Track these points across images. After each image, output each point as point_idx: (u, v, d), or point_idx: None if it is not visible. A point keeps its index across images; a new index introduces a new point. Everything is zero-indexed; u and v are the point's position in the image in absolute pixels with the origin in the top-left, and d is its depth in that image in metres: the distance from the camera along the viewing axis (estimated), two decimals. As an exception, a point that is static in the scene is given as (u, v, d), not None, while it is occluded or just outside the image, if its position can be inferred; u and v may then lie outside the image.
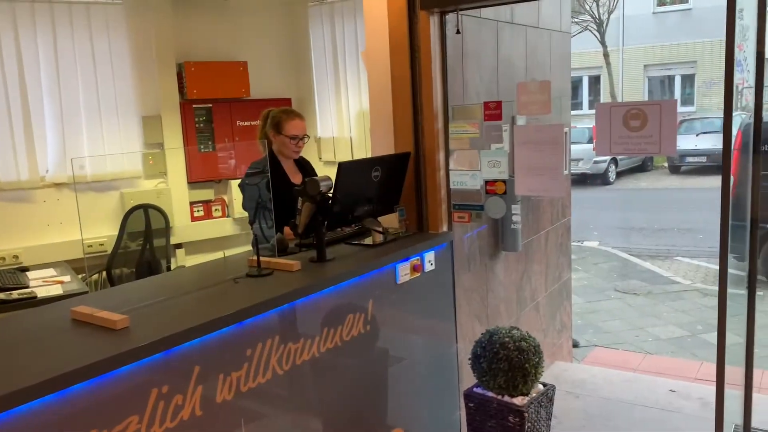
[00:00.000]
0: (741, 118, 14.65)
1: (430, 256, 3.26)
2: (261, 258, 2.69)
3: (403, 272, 3.09)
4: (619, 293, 7.29)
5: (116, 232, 4.90)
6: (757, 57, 2.52)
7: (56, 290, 3.83)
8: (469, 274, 3.61)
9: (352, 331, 2.78)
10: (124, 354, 1.87)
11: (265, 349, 2.37)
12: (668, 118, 2.68)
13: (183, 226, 5.43)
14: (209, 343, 2.16)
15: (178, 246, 5.44)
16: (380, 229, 3.10)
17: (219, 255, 3.18)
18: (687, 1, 21.14)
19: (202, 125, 5.52)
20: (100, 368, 1.81)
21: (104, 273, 4.85)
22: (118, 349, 1.89)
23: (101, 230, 5.09)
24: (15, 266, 4.55)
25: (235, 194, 5.52)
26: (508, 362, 2.88)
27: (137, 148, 5.32)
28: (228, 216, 5.68)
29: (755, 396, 4.00)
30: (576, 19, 18.25)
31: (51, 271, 4.31)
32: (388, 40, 3.33)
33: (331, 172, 2.86)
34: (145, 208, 5.00)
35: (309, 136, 3.51)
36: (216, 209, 5.64)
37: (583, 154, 14.15)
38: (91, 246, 5.00)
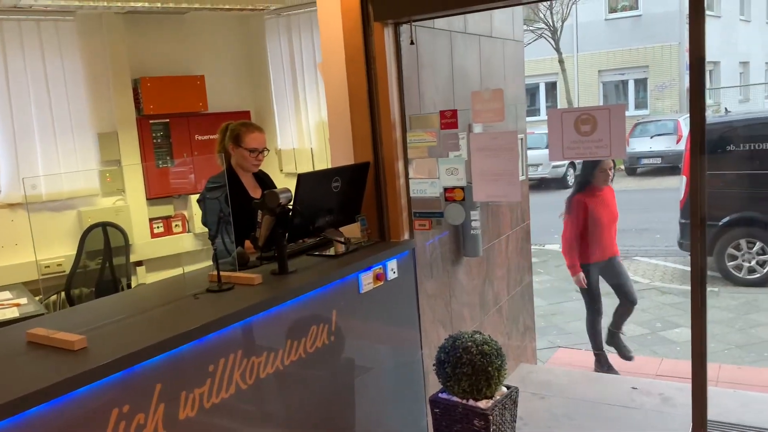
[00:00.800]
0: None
1: (392, 265, 3.29)
2: (222, 272, 2.68)
3: (366, 281, 3.10)
4: (580, 294, 7.41)
5: (74, 252, 4.81)
6: (695, 61, 2.61)
7: (12, 313, 3.74)
8: (432, 281, 3.65)
9: (316, 342, 2.78)
10: (81, 375, 1.85)
11: (228, 363, 2.36)
12: (617, 122, 2.76)
13: (143, 244, 5.36)
14: (170, 360, 2.14)
15: (139, 263, 5.37)
16: (342, 239, 3.12)
17: (180, 271, 3.15)
18: (637, 8, 21.74)
19: (159, 140, 5.46)
20: (57, 390, 1.79)
21: (63, 294, 4.75)
22: (75, 370, 1.86)
23: (59, 250, 4.99)
24: (-32, 290, 4.43)
25: (195, 209, 5.47)
26: (472, 366, 2.91)
27: (94, 166, 5.24)
28: (189, 231, 5.62)
29: (717, 389, 4.13)
30: (531, 27, 18.60)
31: (6, 294, 4.21)
32: (343, 52, 3.36)
33: (293, 184, 2.87)
34: (104, 226, 4.92)
35: (269, 149, 3.51)
36: (176, 225, 5.58)
37: (541, 159, 14.37)
38: (49, 267, 4.89)
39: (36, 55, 4.91)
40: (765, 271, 7.21)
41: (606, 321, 5.22)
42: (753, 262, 7.25)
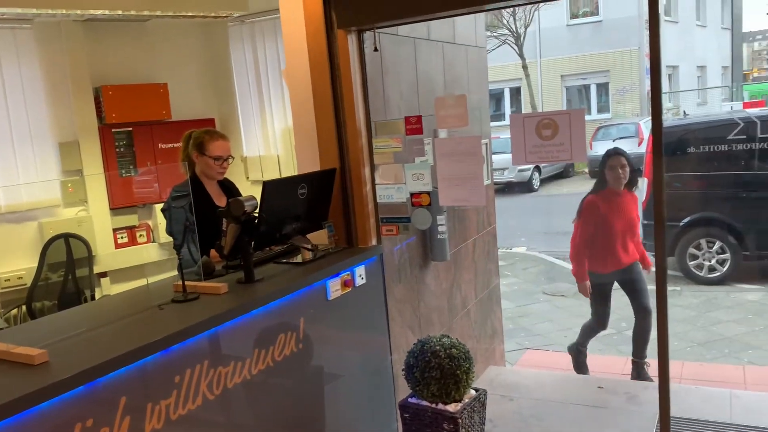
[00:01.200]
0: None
1: (360, 271, 3.29)
2: (187, 282, 2.65)
3: (334, 288, 3.10)
4: (547, 296, 7.52)
5: (35, 264, 4.70)
6: (651, 65, 2.68)
7: (-30, 329, 3.64)
8: (400, 286, 3.66)
9: (284, 350, 2.77)
10: (42, 390, 1.81)
11: (195, 374, 2.33)
12: (577, 126, 2.82)
13: (106, 254, 5.26)
14: (135, 372, 2.11)
15: (103, 275, 5.27)
16: (309, 246, 3.11)
17: (145, 282, 3.11)
18: (598, 14, 22.17)
19: (122, 149, 5.38)
20: (17, 406, 1.74)
21: (24, 307, 4.64)
22: (36, 385, 1.82)
23: (19, 263, 4.88)
24: (-76, 306, 4.30)
25: (159, 219, 5.39)
26: (440, 370, 2.93)
27: (55, 176, 5.13)
28: (153, 241, 5.55)
29: (680, 386, 4.23)
30: (494, 34, 18.83)
31: (-36, 309, 4.10)
32: (307, 59, 3.37)
33: (258, 192, 2.86)
34: (66, 237, 4.82)
35: (233, 157, 3.49)
36: (141, 235, 5.50)
37: (507, 164, 14.55)
38: (9, 280, 4.78)
39: (-8, 64, 4.81)
40: (724, 269, 7.40)
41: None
42: (713, 261, 7.44)
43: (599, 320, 4.89)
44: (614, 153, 4.66)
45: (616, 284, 4.82)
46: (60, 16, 4.73)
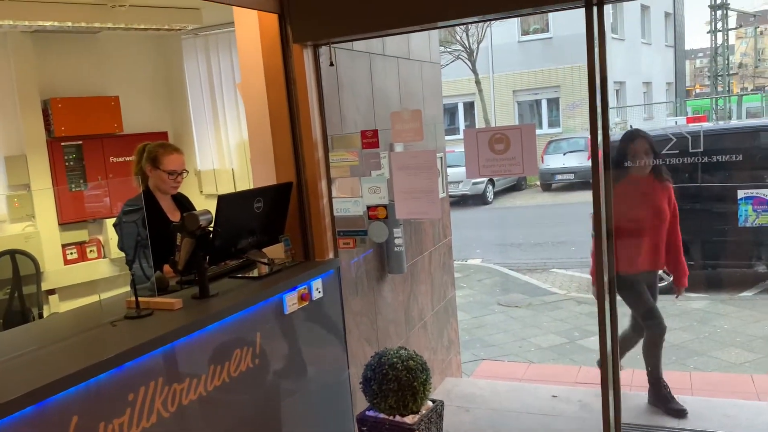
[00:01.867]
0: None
1: (317, 284, 3.29)
2: (140, 298, 2.61)
3: (291, 302, 3.09)
4: (502, 307, 7.62)
5: (-21, 282, 4.54)
6: (598, 80, 2.78)
7: None
8: (357, 299, 3.67)
9: (240, 366, 2.74)
10: (-12, 411, 1.75)
11: (149, 391, 2.29)
12: (528, 141, 2.89)
13: (55, 271, 5.12)
14: (87, 391, 2.06)
15: (51, 292, 5.12)
16: (265, 260, 3.10)
17: (94, 299, 3.04)
18: (548, 30, 22.75)
19: (72, 163, 5.26)
20: (-38, 429, 1.69)
21: (-34, 327, 4.47)
22: (-19, 406, 1.76)
23: (-39, 281, 4.70)
24: None
25: (110, 234, 5.28)
26: (398, 382, 2.94)
27: (0, 191, 4.98)
28: (104, 257, 5.42)
29: (631, 393, 4.33)
30: (448, 49, 19.11)
31: None
32: (263, 73, 3.37)
33: (213, 206, 2.83)
34: (12, 253, 4.67)
35: (187, 171, 3.45)
36: (91, 251, 5.37)
37: (461, 177, 14.75)
38: (-51, 299, 4.60)
39: (-66, 75, 4.66)
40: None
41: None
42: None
43: (647, 326, 4.25)
44: (637, 135, 4.13)
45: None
46: (6, 27, 4.61)
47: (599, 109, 2.82)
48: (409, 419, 2.96)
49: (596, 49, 2.79)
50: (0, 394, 1.86)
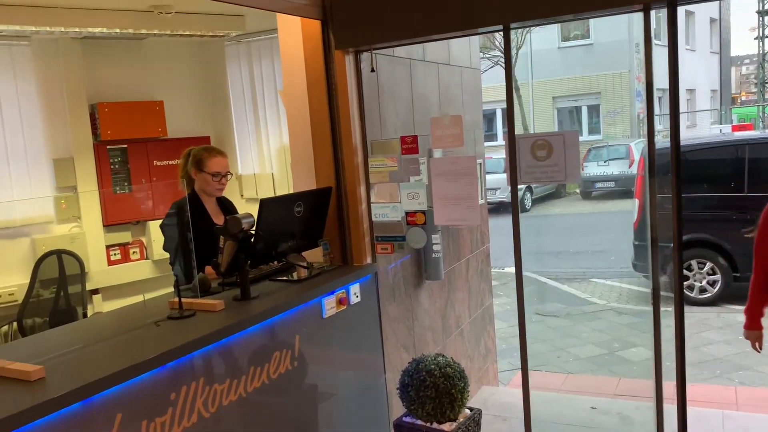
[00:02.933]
0: (643, 144, 15.56)
1: (355, 289, 3.30)
2: (183, 299, 2.65)
3: (329, 306, 3.11)
4: (540, 316, 7.53)
5: (27, 281, 4.67)
6: (646, 87, 2.73)
7: (-39, 345, 3.61)
8: (394, 305, 3.67)
9: (279, 368, 2.77)
10: (40, 406, 1.80)
11: (190, 391, 2.33)
12: (571, 148, 2.86)
13: (99, 271, 5.24)
14: (131, 389, 2.10)
15: (95, 292, 5.25)
16: (304, 264, 3.12)
17: (138, 299, 3.10)
18: (589, 37, 22.47)
19: (117, 166, 5.39)
20: (14, 422, 1.74)
21: (14, 324, 4.61)
22: (33, 401, 1.81)
23: (11, 279, 4.85)
24: None
25: (153, 236, 5.39)
26: (435, 389, 2.93)
27: (48, 192, 5.13)
28: (147, 258, 5.53)
29: (672, 407, 4.23)
30: (487, 55, 19.01)
31: (-45, 325, 4.06)
32: (305, 79, 3.40)
33: (253, 209, 2.87)
34: (59, 253, 4.80)
35: (232, 174, 3.51)
36: (134, 252, 5.48)
37: (499, 183, 14.63)
38: (0, 296, 4.74)
39: (-11, 80, 4.83)
40: (715, 290, 7.44)
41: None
42: (704, 282, 7.48)
43: None
44: None
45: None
46: (58, 34, 4.76)
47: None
48: (447, 427, 2.94)
49: (649, 55, 2.71)
50: (53, 388, 1.92)
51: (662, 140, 4.34)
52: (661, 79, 2.80)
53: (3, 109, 4.89)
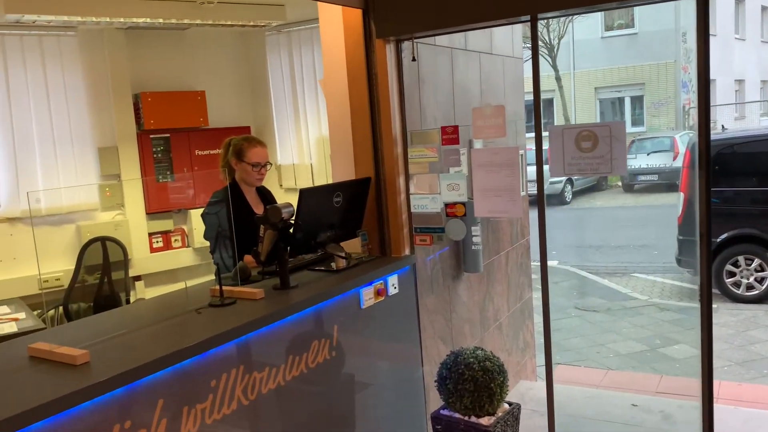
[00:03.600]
0: (689, 137, 15.19)
1: (393, 280, 3.28)
2: (224, 287, 2.68)
3: (367, 297, 3.10)
4: (579, 311, 7.42)
5: (73, 266, 4.79)
6: (701, 78, 2.63)
7: (10, 328, 3.72)
8: (432, 297, 3.65)
9: (317, 357, 2.77)
10: (85, 390, 1.84)
11: (230, 379, 2.34)
12: (618, 139, 2.78)
13: (142, 258, 5.34)
14: (173, 376, 2.13)
15: (137, 278, 5.35)
16: (343, 254, 3.11)
17: (179, 286, 3.14)
18: (633, 26, 21.95)
19: (160, 155, 5.47)
20: (61, 405, 1.77)
21: (60, 308, 4.73)
22: (79, 384, 1.85)
23: (57, 264, 4.97)
24: (-34, 305, 4.40)
25: (194, 224, 5.46)
26: (474, 383, 2.90)
27: (93, 180, 5.24)
28: (188, 246, 5.61)
29: (719, 407, 4.11)
30: (527, 45, 18.74)
31: (5, 309, 4.19)
32: (345, 69, 3.39)
33: (292, 199, 2.87)
34: (103, 240, 4.90)
35: (271, 164, 3.52)
36: (175, 240, 5.57)
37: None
38: (47, 281, 4.87)
39: (38, 70, 4.93)
40: (763, 287, 7.21)
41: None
42: (751, 279, 7.26)
43: None
44: None
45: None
46: (103, 24, 4.84)
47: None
48: (485, 421, 2.91)
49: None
50: (97, 373, 1.95)
51: (714, 133, 4.19)
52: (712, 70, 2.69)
53: (51, 99, 5.00)
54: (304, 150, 5.80)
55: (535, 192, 3.27)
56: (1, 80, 4.78)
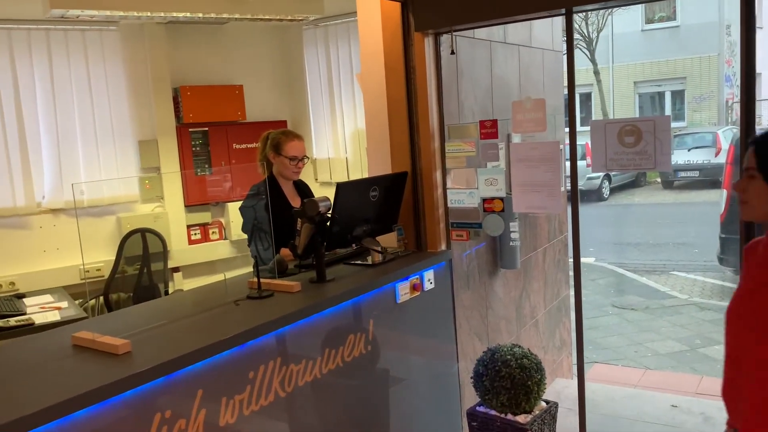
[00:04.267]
0: (732, 132, 14.77)
1: (429, 275, 3.27)
2: (261, 280, 2.69)
3: (403, 291, 3.09)
4: (616, 309, 7.29)
5: (113, 257, 4.88)
6: (746, 72, 2.55)
7: (54, 316, 3.81)
8: (468, 292, 3.62)
9: (353, 351, 2.77)
10: (127, 379, 1.87)
11: (267, 371, 2.36)
12: (662, 134, 2.71)
13: (180, 250, 5.42)
14: (212, 366, 2.15)
15: (176, 269, 5.42)
16: (379, 249, 3.11)
17: (217, 278, 3.17)
18: (674, 19, 21.44)
19: (198, 149, 5.53)
20: (104, 394, 1.81)
21: (101, 298, 4.83)
22: (121, 373, 1.88)
23: (98, 255, 5.07)
24: (11, 293, 4.53)
25: (231, 216, 5.52)
26: (511, 380, 2.87)
27: (133, 173, 5.32)
28: (225, 238, 5.67)
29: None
30: (562, 38, 18.46)
31: (48, 297, 4.29)
32: (383, 62, 3.37)
33: (327, 193, 2.88)
34: (143, 232, 4.99)
35: (309, 157, 3.53)
36: (213, 232, 5.63)
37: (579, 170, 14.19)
38: (88, 271, 4.97)
39: (80, 64, 5.03)
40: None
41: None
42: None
43: None
44: None
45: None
46: (144, 19, 4.90)
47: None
48: (521, 418, 2.88)
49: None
50: (139, 362, 1.98)
51: (758, 128, 4.05)
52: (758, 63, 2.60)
53: (93, 93, 5.09)
54: (339, 144, 5.81)
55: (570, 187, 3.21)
56: (46, 74, 4.89)
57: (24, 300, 4.17)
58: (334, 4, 5.18)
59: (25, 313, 3.82)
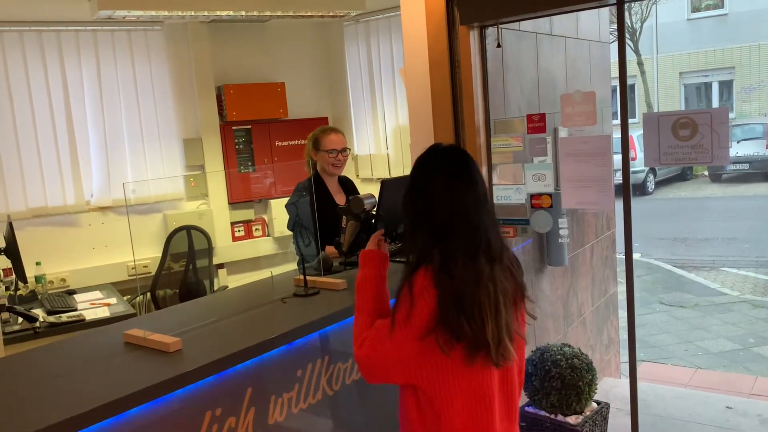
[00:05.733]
0: (785, 123, 14.19)
1: (475, 272, 3.21)
2: (308, 277, 2.68)
3: (449, 289, 3.04)
4: (665, 306, 7.11)
5: (159, 254, 4.96)
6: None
7: (103, 312, 3.88)
8: (514, 290, 3.55)
9: (399, 349, 2.74)
10: (179, 377, 1.87)
11: (315, 369, 2.35)
12: (720, 126, 2.61)
13: (225, 247, 5.48)
14: (261, 365, 2.15)
15: (220, 266, 5.49)
16: (425, 246, 3.06)
17: (262, 274, 3.18)
18: (722, 6, 20.79)
19: (241, 146, 5.57)
20: (156, 391, 1.81)
21: (148, 294, 4.91)
22: (173, 372, 1.89)
23: (145, 252, 5.17)
24: (62, 289, 4.63)
25: (274, 213, 5.55)
26: (561, 380, 2.81)
27: (179, 171, 5.39)
28: (268, 235, 5.71)
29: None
30: (613, 28, 18.10)
31: (97, 294, 4.38)
32: (427, 56, 3.33)
33: (368, 189, 2.85)
34: (188, 229, 5.05)
35: (349, 149, 3.52)
36: (256, 229, 5.67)
37: (616, 165, 13.89)
38: (135, 268, 5.07)
39: (127, 65, 5.11)
40: None
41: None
42: None
43: None
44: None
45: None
46: (188, 18, 4.95)
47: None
48: (572, 419, 2.81)
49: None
50: (190, 360, 1.99)
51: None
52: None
53: (139, 92, 5.18)
54: (380, 140, 5.78)
55: (616, 182, 3.13)
56: (94, 75, 4.98)
57: (74, 296, 4.26)
58: (375, 0, 5.15)
59: (75, 309, 3.90)
